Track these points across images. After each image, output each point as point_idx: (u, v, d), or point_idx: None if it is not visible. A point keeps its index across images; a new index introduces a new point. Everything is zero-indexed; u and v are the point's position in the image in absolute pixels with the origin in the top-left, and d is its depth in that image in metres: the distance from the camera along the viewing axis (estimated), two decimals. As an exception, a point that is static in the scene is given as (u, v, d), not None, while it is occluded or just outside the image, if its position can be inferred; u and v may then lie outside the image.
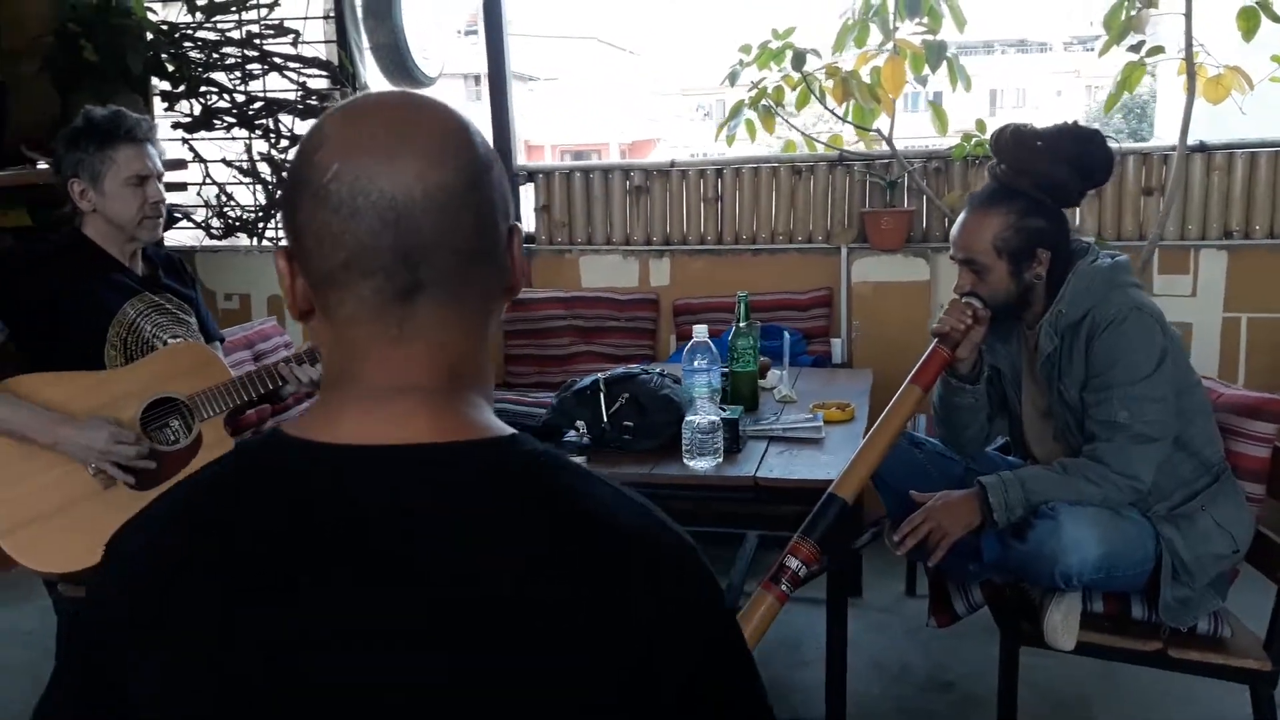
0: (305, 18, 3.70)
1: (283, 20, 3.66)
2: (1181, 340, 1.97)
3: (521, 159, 4.11)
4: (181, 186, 3.90)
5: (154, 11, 3.71)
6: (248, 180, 3.81)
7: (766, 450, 2.21)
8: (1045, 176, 1.90)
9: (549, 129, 25.86)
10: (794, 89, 3.48)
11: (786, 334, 2.86)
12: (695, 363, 2.11)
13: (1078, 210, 3.50)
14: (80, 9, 3.48)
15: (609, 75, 28.11)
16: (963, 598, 2.12)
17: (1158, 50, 3.18)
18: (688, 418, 2.08)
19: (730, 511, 3.19)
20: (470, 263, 0.75)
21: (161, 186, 2.29)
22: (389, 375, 0.74)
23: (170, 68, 3.68)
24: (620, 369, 2.32)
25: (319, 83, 3.70)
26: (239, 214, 3.85)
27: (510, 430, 0.77)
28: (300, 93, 3.70)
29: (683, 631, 0.73)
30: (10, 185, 3.31)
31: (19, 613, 3.08)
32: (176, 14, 3.74)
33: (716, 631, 0.77)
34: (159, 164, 2.28)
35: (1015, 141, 1.93)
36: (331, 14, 3.70)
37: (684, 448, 2.09)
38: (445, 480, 0.71)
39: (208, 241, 3.92)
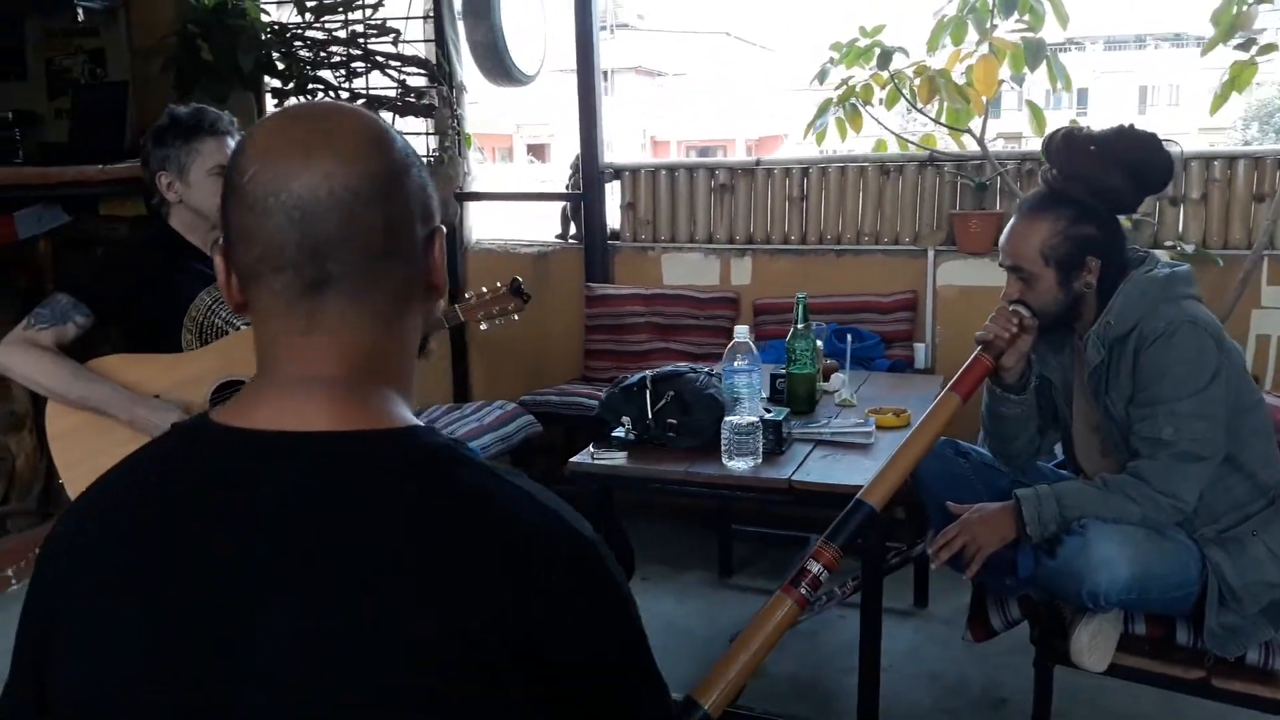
0: (406, 17, 3.83)
1: (385, 20, 3.81)
2: (1243, 356, 1.87)
3: (645, 155, 4.16)
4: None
5: (267, 13, 3.90)
6: (350, 174, 3.97)
7: (810, 453, 2.19)
8: (1097, 182, 1.84)
9: (677, 125, 25.94)
10: (883, 88, 3.43)
11: (850, 336, 2.81)
12: (736, 363, 2.11)
13: (1179, 216, 3.34)
14: (199, 11, 3.69)
15: (740, 70, 28.00)
16: (1000, 613, 2.06)
17: (1270, 48, 3.00)
18: (727, 417, 2.09)
19: (797, 515, 3.18)
20: (377, 261, 0.80)
21: None
22: (299, 366, 0.79)
23: (281, 66, 3.87)
24: (669, 366, 2.34)
25: (417, 80, 3.83)
26: (341, 206, 4.01)
27: (416, 423, 0.82)
28: (399, 90, 3.84)
29: (577, 627, 0.76)
30: (130, 177, 3.55)
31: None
32: (288, 15, 3.93)
33: (614, 628, 0.80)
34: None
35: (1066, 145, 1.86)
36: (430, 14, 3.82)
37: (723, 447, 2.10)
38: (340, 468, 0.76)
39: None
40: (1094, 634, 1.78)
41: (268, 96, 4.00)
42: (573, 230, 3.90)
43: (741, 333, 2.14)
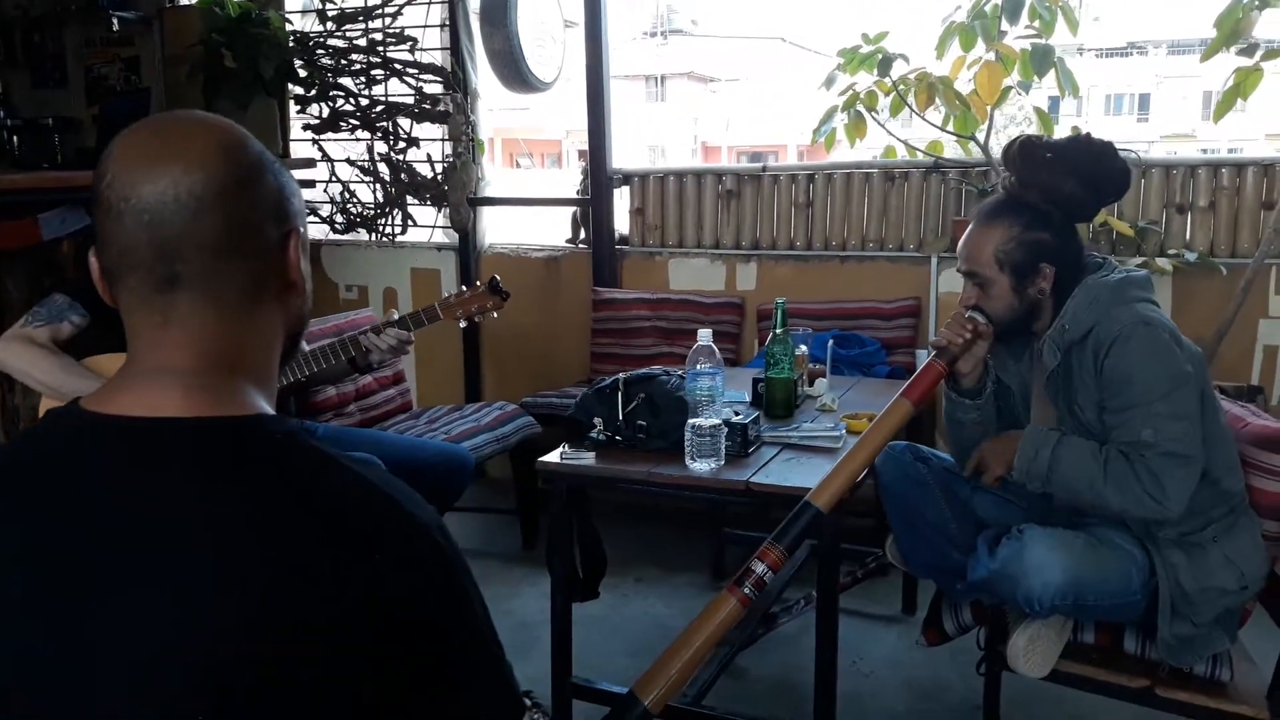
0: (424, 26, 3.93)
1: (403, 29, 3.90)
2: (1203, 359, 1.86)
3: (696, 160, 4.19)
4: (310, 184, 4.22)
5: (290, 22, 4.02)
6: (368, 179, 4.08)
7: (775, 456, 2.22)
8: (1053, 189, 1.84)
9: (728, 130, 25.94)
10: (887, 94, 3.44)
11: (830, 342, 2.83)
12: (698, 366, 2.15)
13: (1187, 223, 3.31)
14: (224, 21, 3.82)
15: (794, 76, 27.91)
16: (953, 617, 2.07)
17: (1275, 54, 2.96)
18: (690, 420, 2.13)
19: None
20: (223, 259, 0.86)
21: None
22: (156, 357, 0.86)
23: (303, 74, 3.99)
24: (644, 370, 2.38)
25: (433, 87, 3.92)
26: (359, 210, 4.13)
27: (266, 412, 0.87)
28: (416, 97, 3.94)
29: (402, 610, 0.80)
30: None
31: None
32: (311, 24, 4.05)
33: (445, 613, 0.84)
34: None
35: (1023, 153, 1.87)
36: (446, 22, 3.91)
37: (686, 449, 2.13)
38: (178, 451, 0.81)
39: (331, 235, 4.23)
40: (1031, 639, 1.79)
41: (291, 103, 4.13)
42: (583, 235, 3.96)
43: (705, 336, 2.18)
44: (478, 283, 2.61)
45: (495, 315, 2.61)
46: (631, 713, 1.74)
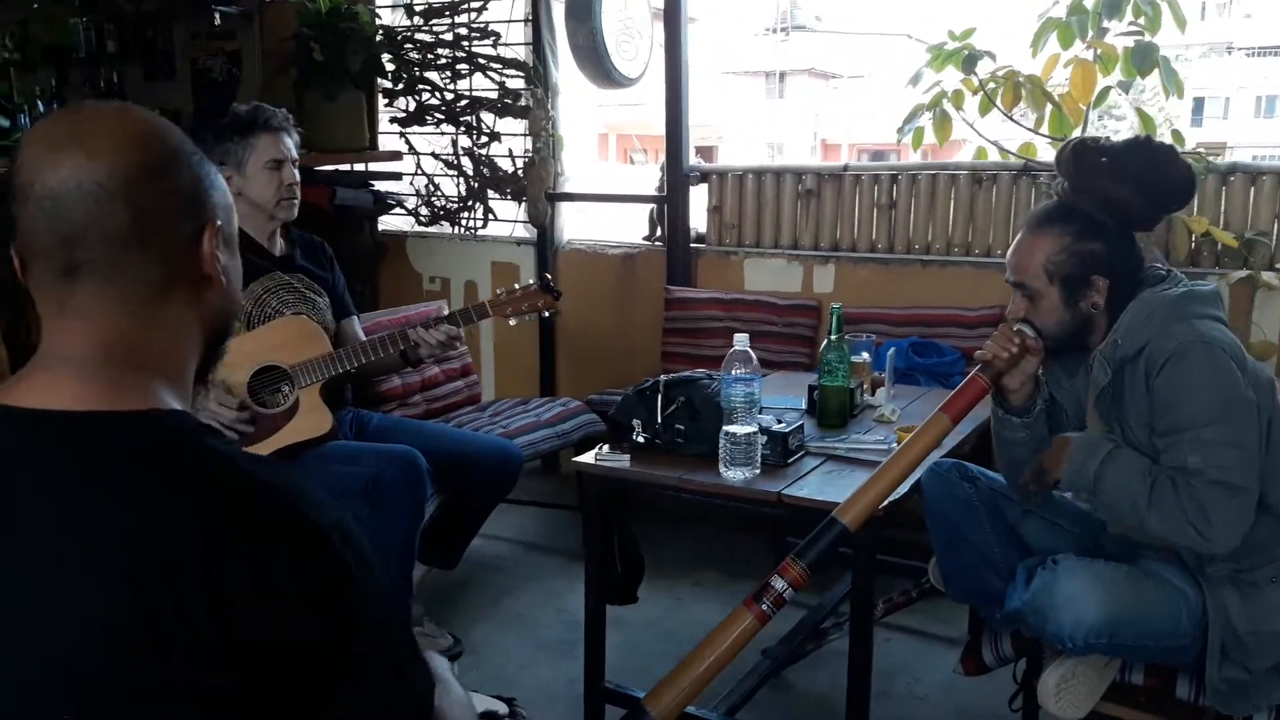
0: (508, 20, 3.94)
1: (487, 24, 3.93)
2: (1274, 384, 1.71)
3: (815, 158, 4.11)
4: (396, 176, 4.29)
5: (379, 16, 4.09)
6: (452, 173, 4.12)
7: (818, 467, 2.14)
8: (1107, 195, 1.72)
9: (849, 128, 25.46)
10: (974, 93, 3.29)
11: (891, 350, 2.71)
12: (734, 372, 2.08)
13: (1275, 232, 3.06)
14: (315, 16, 3.91)
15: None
16: (993, 648, 1.95)
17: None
18: (725, 427, 2.07)
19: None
20: (125, 250, 0.85)
21: (296, 171, 2.55)
22: (55, 346, 0.86)
23: (391, 67, 4.06)
24: (687, 372, 2.33)
25: (516, 82, 3.93)
26: (443, 203, 4.17)
27: (166, 407, 0.86)
28: (499, 91, 3.96)
29: (286, 613, 0.78)
30: None
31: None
32: (399, 19, 4.11)
33: (334, 617, 0.82)
34: (294, 151, 2.55)
35: (1075, 157, 1.75)
36: (529, 18, 3.91)
37: (720, 456, 2.07)
38: (61, 444, 0.81)
39: (416, 228, 4.29)
40: (1064, 678, 1.66)
41: (380, 97, 4.21)
42: (659, 232, 3.92)
43: (741, 341, 2.11)
44: (530, 281, 2.59)
45: (547, 314, 2.60)
46: (639, 724, 1.70)
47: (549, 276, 2.58)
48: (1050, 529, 1.92)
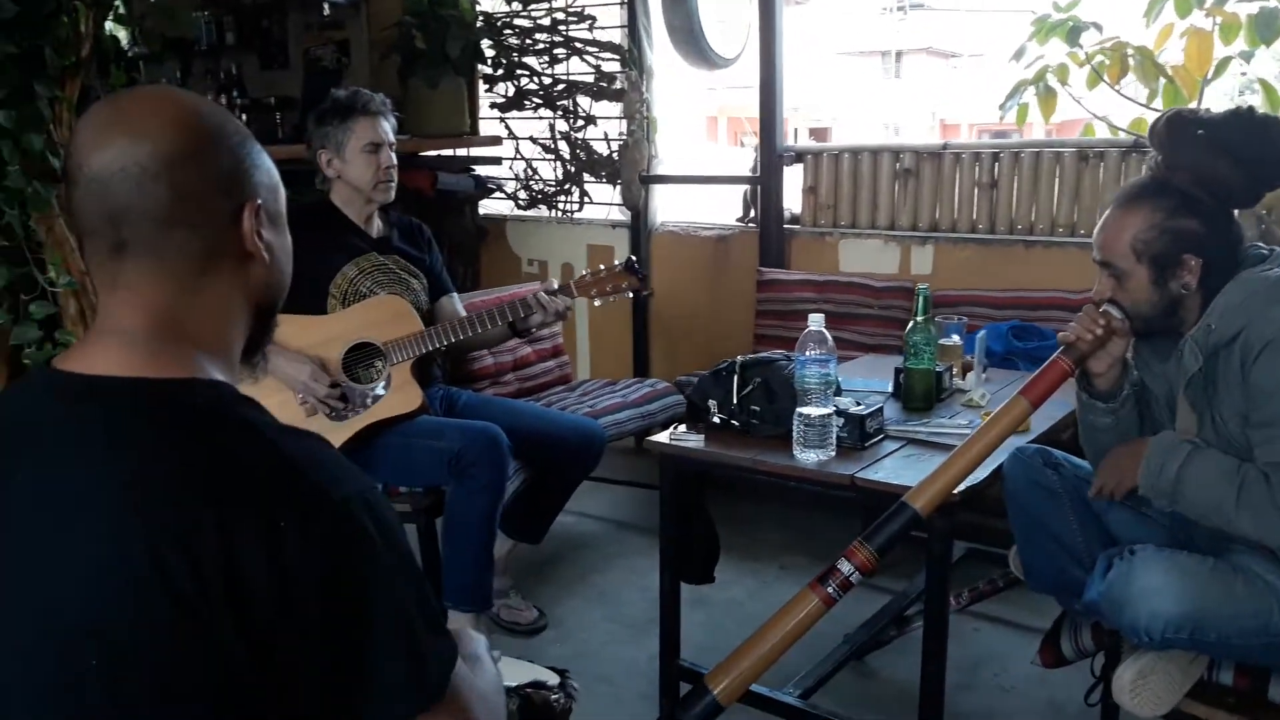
0: (604, 3, 3.96)
1: (584, 7, 3.96)
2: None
3: (933, 138, 4.01)
4: (496, 161, 4.37)
5: (480, 3, 4.16)
6: (549, 156, 4.17)
7: (896, 451, 2.10)
8: (1203, 171, 1.63)
9: (969, 108, 24.67)
10: (1081, 66, 3.16)
11: (982, 333, 2.63)
12: (808, 352, 2.05)
13: None
14: (418, 4, 4.00)
15: (1045, 52, 26.12)
16: (1072, 639, 1.88)
17: None
18: (799, 409, 2.05)
19: (962, 523, 3.00)
20: (167, 228, 0.89)
21: (393, 154, 2.62)
22: (107, 319, 0.91)
23: (491, 53, 4.13)
24: (764, 353, 2.31)
25: (611, 66, 3.95)
26: (541, 187, 4.23)
27: (206, 378, 0.90)
28: (595, 75, 3.99)
29: (298, 579, 0.81)
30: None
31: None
32: (498, 4, 4.17)
33: (349, 586, 0.84)
34: (391, 135, 2.61)
35: (1170, 129, 1.66)
36: (625, 1, 3.92)
37: (794, 438, 2.05)
38: (104, 406, 0.86)
39: (515, 211, 4.36)
40: (1141, 673, 1.59)
41: (480, 83, 4.28)
42: (752, 214, 3.89)
43: (816, 321, 2.07)
44: (615, 262, 2.60)
45: (631, 295, 2.60)
46: (700, 702, 1.71)
47: (634, 258, 2.59)
48: (1138, 519, 1.84)
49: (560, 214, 4.21)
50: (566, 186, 4.16)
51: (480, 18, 4.09)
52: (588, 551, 3.29)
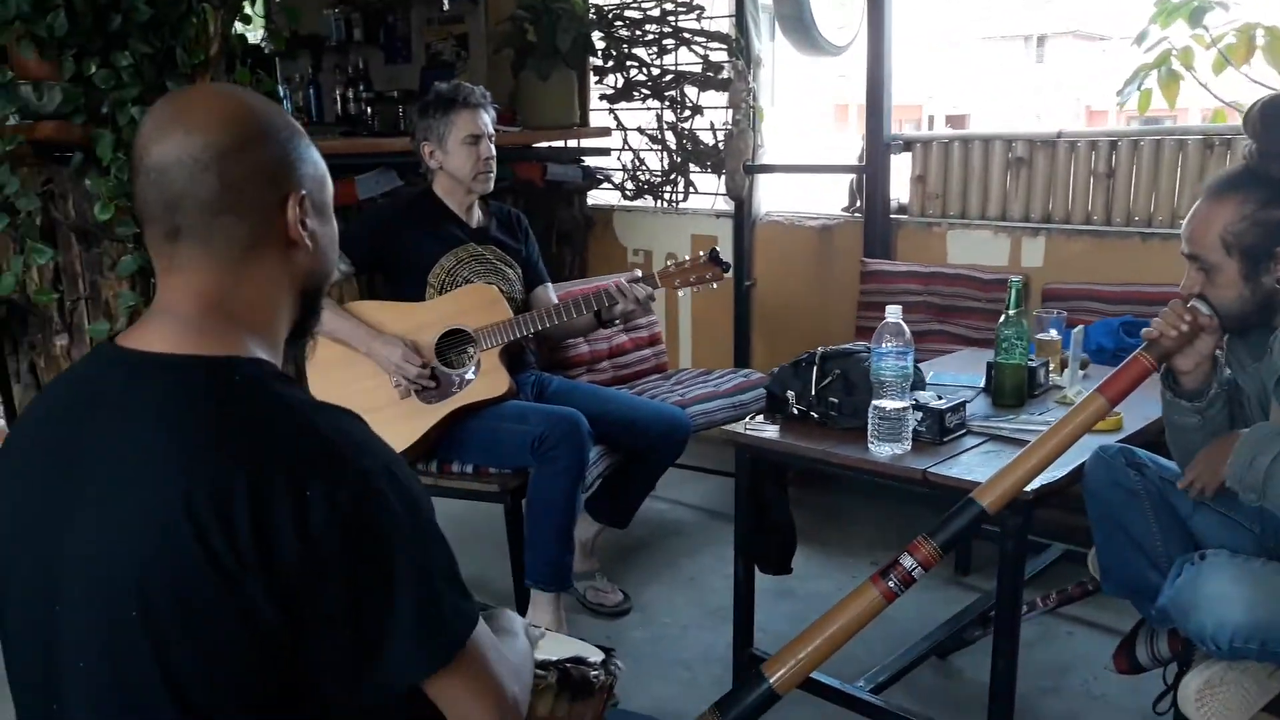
0: (713, -7, 3.97)
1: (693, -2, 3.97)
2: None
3: (1079, 125, 3.86)
4: (605, 152, 4.42)
5: (591, -5, 4.22)
6: (656, 147, 4.21)
7: (976, 447, 2.06)
8: (1298, 160, 1.54)
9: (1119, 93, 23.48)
10: (1207, 49, 3.00)
11: (1079, 329, 2.52)
12: (885, 344, 2.02)
13: None
14: (531, -3, 4.09)
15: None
16: (1148, 645, 1.81)
17: None
18: (874, 402, 2.02)
19: (1062, 523, 2.91)
20: (217, 215, 0.96)
21: (493, 146, 2.69)
22: (163, 300, 0.99)
23: (601, 45, 4.18)
24: (845, 345, 2.29)
25: (719, 55, 3.95)
26: (647, 177, 4.27)
27: (248, 356, 0.97)
28: (703, 65, 4.00)
29: (318, 542, 0.87)
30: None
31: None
32: (610, -4, 4.22)
33: (365, 553, 0.90)
34: (490, 127, 2.69)
35: (1264, 117, 1.58)
36: (734, -11, 3.92)
37: (869, 431, 2.04)
38: (156, 378, 0.94)
39: (622, 201, 4.41)
40: (1208, 683, 1.52)
41: (591, 75, 4.34)
42: (859, 203, 3.83)
43: (893, 313, 2.04)
44: (700, 253, 2.62)
45: (715, 286, 2.61)
46: (756, 689, 1.72)
47: (717, 250, 2.60)
48: (1225, 525, 1.76)
49: (665, 204, 4.24)
50: (672, 176, 4.18)
51: (592, 10, 4.14)
52: (678, 539, 3.33)
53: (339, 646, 0.91)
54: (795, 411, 2.24)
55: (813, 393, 2.20)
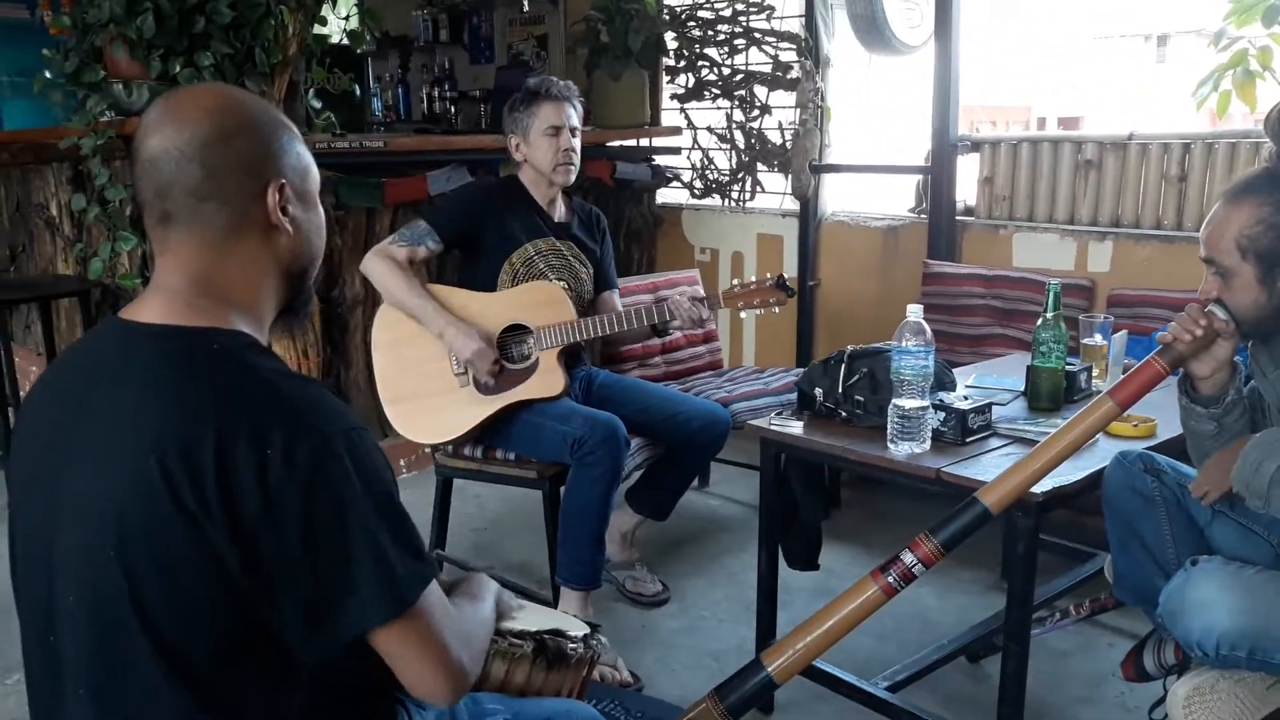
0: (785, -7, 3.98)
1: (764, -2, 3.99)
2: None
3: (1203, 127, 3.66)
4: (676, 151, 4.47)
5: (665, -4, 4.27)
6: (724, 146, 4.24)
7: (998, 449, 2.04)
8: (1316, 162, 1.51)
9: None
10: (1284, 48, 2.90)
11: (1122, 334, 2.47)
12: (905, 343, 2.01)
13: None
14: (605, -1, 4.17)
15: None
16: (1155, 653, 1.77)
17: None
18: (893, 400, 2.03)
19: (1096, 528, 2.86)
20: (201, 200, 1.05)
21: (575, 140, 2.72)
22: (157, 278, 1.09)
23: (674, 45, 4.24)
24: (876, 345, 2.29)
25: (788, 55, 3.96)
26: (716, 176, 4.30)
27: (228, 328, 1.06)
28: (772, 64, 4.01)
29: (277, 497, 0.96)
30: (495, 146, 4.10)
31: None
32: (684, -2, 4.27)
33: (323, 509, 0.98)
34: (574, 120, 2.72)
35: (1283, 118, 1.54)
36: (805, -11, 3.92)
37: (888, 431, 2.04)
38: (144, 345, 1.04)
39: (690, 200, 4.45)
40: (1197, 690, 1.49)
41: (663, 75, 4.40)
42: (924, 205, 3.80)
43: (914, 311, 2.04)
44: (767, 275, 2.62)
45: (777, 310, 2.62)
46: (755, 676, 1.75)
47: (784, 276, 2.60)
48: (1243, 535, 1.72)
49: (732, 203, 4.26)
50: (739, 176, 4.21)
51: (665, 11, 4.20)
52: (726, 534, 3.36)
53: (295, 595, 0.99)
54: (824, 409, 2.25)
55: (839, 390, 2.22)
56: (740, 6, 4.05)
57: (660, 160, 4.46)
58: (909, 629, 2.76)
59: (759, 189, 4.17)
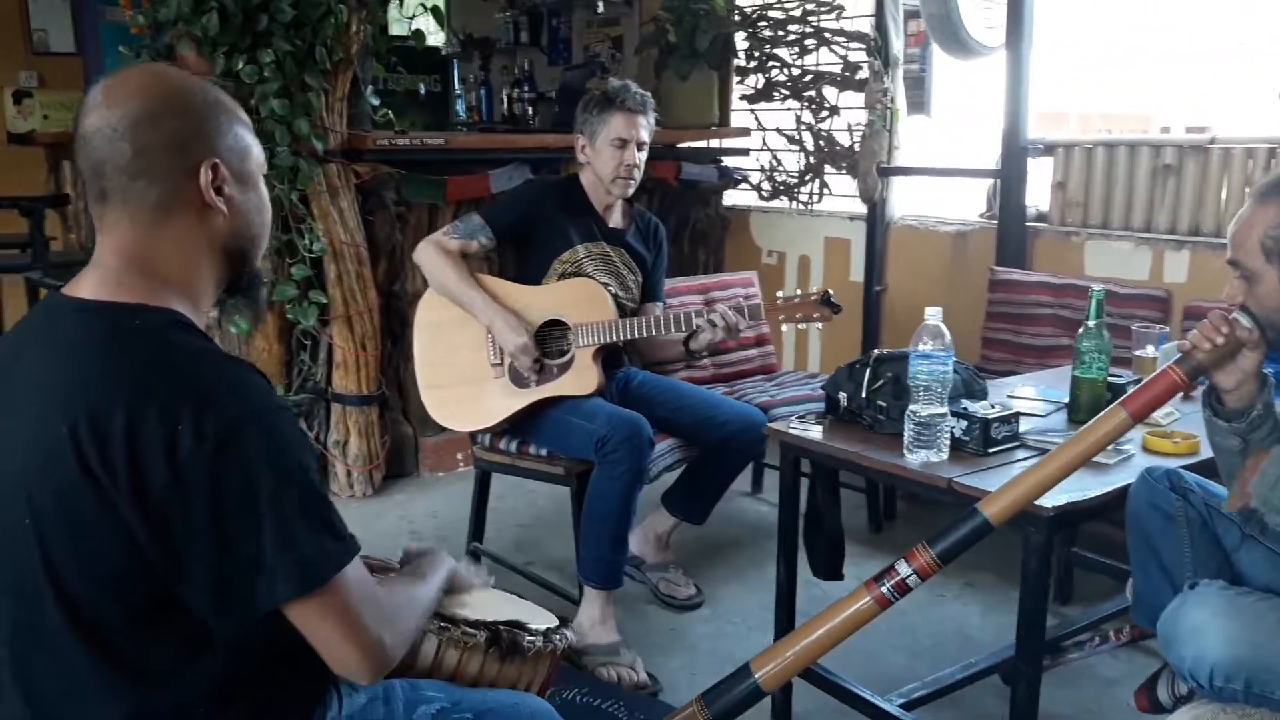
0: (855, -7, 3.90)
1: (834, -2, 3.92)
2: None
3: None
4: (744, 152, 4.43)
5: (738, -2, 4.24)
6: (793, 147, 4.18)
7: (1022, 460, 1.95)
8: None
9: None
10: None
11: (1169, 345, 2.33)
12: (922, 347, 1.93)
13: None
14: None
15: None
16: (1169, 685, 1.66)
17: None
18: (910, 406, 1.96)
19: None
20: (131, 178, 1.08)
21: (641, 154, 2.68)
22: (96, 255, 1.12)
23: (744, 46, 4.20)
24: (903, 349, 2.21)
25: (858, 56, 3.88)
26: (784, 178, 4.24)
27: (155, 305, 1.08)
28: (842, 65, 3.94)
29: (188, 470, 0.97)
30: (560, 145, 4.08)
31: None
32: (755, -1, 4.23)
33: (236, 485, 0.99)
34: (644, 134, 2.68)
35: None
36: (875, -11, 3.84)
37: (904, 438, 1.97)
38: (72, 320, 1.07)
39: (758, 202, 4.40)
40: (1194, 724, 1.39)
41: (733, 75, 4.36)
42: (994, 209, 3.67)
43: (933, 315, 1.95)
44: (814, 291, 2.55)
45: (820, 326, 2.55)
46: (741, 683, 1.71)
47: (830, 292, 2.52)
48: (1272, 561, 1.60)
49: (800, 206, 4.19)
50: (807, 177, 4.14)
51: (736, 11, 4.16)
52: (770, 541, 3.24)
53: (204, 570, 1.00)
54: (847, 414, 2.19)
55: (863, 395, 2.15)
56: (810, 6, 3.99)
57: (729, 161, 4.42)
58: (948, 645, 2.67)
59: (826, 191, 4.09)
